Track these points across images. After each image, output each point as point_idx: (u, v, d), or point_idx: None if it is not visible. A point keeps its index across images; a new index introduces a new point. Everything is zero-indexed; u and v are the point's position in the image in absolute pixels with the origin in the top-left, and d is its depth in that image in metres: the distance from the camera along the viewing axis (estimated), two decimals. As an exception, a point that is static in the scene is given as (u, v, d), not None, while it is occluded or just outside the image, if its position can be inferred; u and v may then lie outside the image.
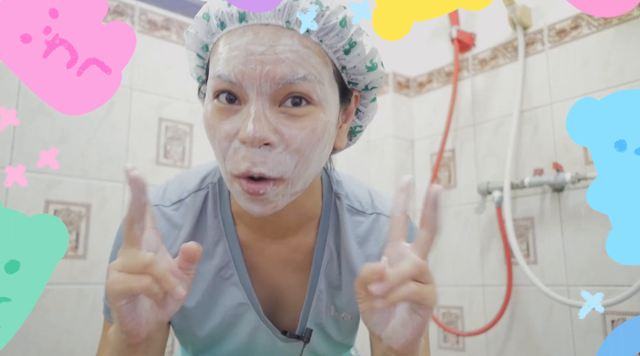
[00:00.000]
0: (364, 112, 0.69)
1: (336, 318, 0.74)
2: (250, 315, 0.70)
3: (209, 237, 0.70)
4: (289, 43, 0.56)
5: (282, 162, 0.56)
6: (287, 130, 0.56)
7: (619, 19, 1.44)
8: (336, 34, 0.58)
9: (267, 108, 0.56)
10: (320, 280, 0.71)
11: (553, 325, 1.49)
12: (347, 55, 0.60)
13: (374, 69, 0.63)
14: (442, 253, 1.81)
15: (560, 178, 1.45)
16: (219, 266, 0.70)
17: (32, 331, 1.23)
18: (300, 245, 0.71)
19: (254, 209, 0.59)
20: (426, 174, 1.91)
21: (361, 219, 0.72)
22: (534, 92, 1.62)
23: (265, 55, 0.55)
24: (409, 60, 2.01)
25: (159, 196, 0.72)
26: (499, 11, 1.70)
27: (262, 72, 0.55)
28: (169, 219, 0.70)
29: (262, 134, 0.54)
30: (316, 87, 0.57)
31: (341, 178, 0.75)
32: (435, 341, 1.80)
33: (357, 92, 0.66)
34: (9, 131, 1.24)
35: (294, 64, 0.55)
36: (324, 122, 0.58)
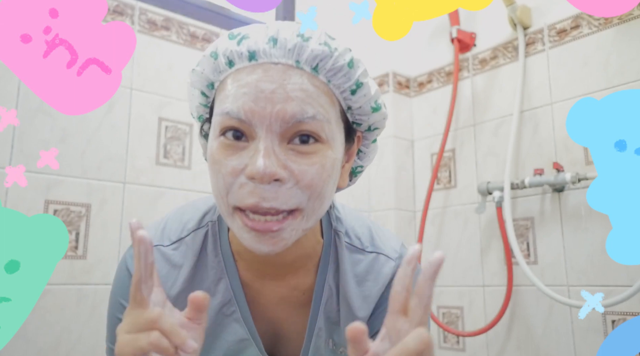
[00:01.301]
0: (365, 153, 0.70)
1: (334, 352, 0.74)
2: (251, 350, 0.71)
3: (210, 276, 0.70)
4: (299, 81, 0.57)
5: (294, 196, 0.56)
6: (296, 166, 0.56)
7: (619, 19, 1.44)
8: (344, 74, 0.59)
9: (276, 145, 0.56)
10: (319, 318, 0.71)
11: (553, 325, 1.49)
12: (353, 95, 0.61)
13: (378, 109, 0.64)
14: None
15: (560, 177, 1.45)
16: (221, 303, 0.70)
17: (32, 331, 1.23)
18: (300, 283, 0.71)
19: (262, 249, 0.58)
20: (426, 174, 1.91)
21: (360, 257, 0.72)
22: (534, 92, 1.62)
23: (275, 94, 0.55)
24: (409, 60, 2.01)
25: (157, 235, 0.71)
26: (499, 11, 1.70)
27: (273, 111, 0.55)
28: (168, 259, 0.69)
29: (272, 170, 0.54)
30: (324, 126, 0.57)
31: (341, 215, 0.75)
32: (435, 341, 1.80)
33: (359, 133, 0.67)
34: (9, 131, 1.24)
35: (303, 103, 0.56)
36: (332, 159, 0.59)
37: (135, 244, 0.48)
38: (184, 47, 1.57)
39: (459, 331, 1.71)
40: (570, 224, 1.47)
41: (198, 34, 1.60)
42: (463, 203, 1.77)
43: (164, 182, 1.47)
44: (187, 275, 0.68)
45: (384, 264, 0.71)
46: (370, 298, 0.70)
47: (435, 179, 1.81)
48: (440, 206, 1.84)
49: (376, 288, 0.70)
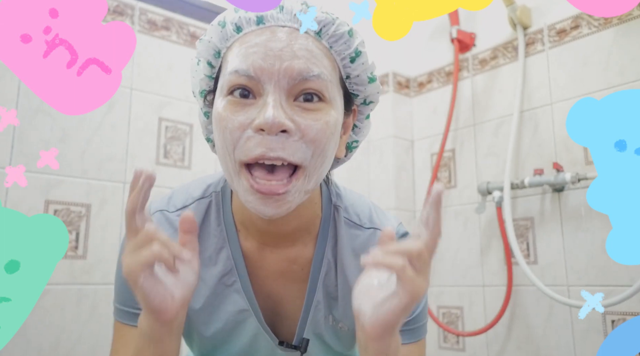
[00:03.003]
0: (360, 127, 0.72)
1: (334, 328, 0.75)
2: (251, 321, 0.72)
3: (212, 244, 0.71)
4: (305, 43, 0.60)
5: (300, 149, 0.58)
6: (302, 121, 0.58)
7: (619, 19, 1.44)
8: (344, 42, 0.62)
9: (284, 100, 0.58)
10: (318, 291, 0.72)
11: (553, 325, 1.49)
12: (352, 63, 0.64)
13: (374, 80, 0.67)
14: (442, 253, 1.81)
15: (560, 178, 1.45)
16: (221, 272, 0.71)
17: (32, 331, 1.22)
18: (299, 256, 0.73)
19: (266, 211, 0.59)
20: (426, 174, 1.91)
21: (358, 232, 0.74)
22: (534, 92, 1.62)
23: (283, 52, 0.58)
24: (409, 60, 2.01)
25: (164, 203, 0.74)
26: (499, 11, 1.70)
27: (281, 68, 0.58)
28: (172, 223, 0.71)
29: (280, 120, 0.56)
30: (328, 86, 0.60)
31: (341, 191, 0.77)
32: (435, 341, 1.80)
33: (355, 106, 0.69)
34: (9, 131, 1.24)
35: (309, 61, 0.59)
36: (334, 118, 0.61)
37: (136, 176, 0.51)
38: (184, 47, 1.57)
39: (459, 331, 1.71)
40: (570, 224, 1.47)
41: (198, 34, 1.60)
42: (463, 203, 1.77)
43: (164, 182, 1.47)
44: None
45: None
46: None
47: (435, 179, 1.81)
48: (440, 206, 1.84)
49: None
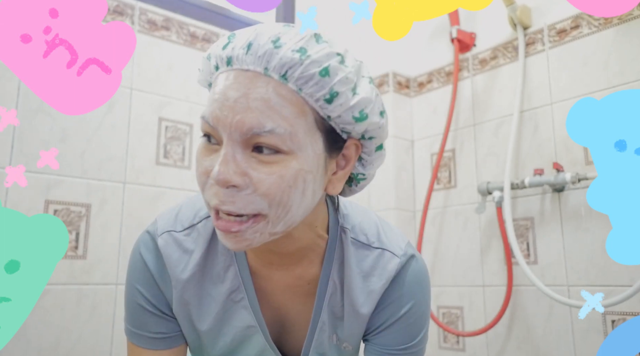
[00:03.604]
0: (368, 160, 0.68)
1: (338, 347, 0.76)
2: (257, 337, 0.73)
3: (220, 262, 0.72)
4: (262, 91, 0.57)
5: (253, 202, 0.57)
6: (255, 174, 0.57)
7: (619, 19, 1.44)
8: (315, 83, 0.58)
9: (238, 152, 0.57)
10: (323, 311, 0.73)
11: (553, 325, 1.49)
12: (329, 104, 0.59)
13: (363, 119, 0.61)
14: (442, 253, 1.81)
15: (560, 177, 1.45)
16: (230, 289, 0.72)
17: (32, 331, 1.22)
18: (304, 274, 0.73)
19: (227, 245, 0.61)
20: (426, 174, 1.91)
21: (366, 252, 0.73)
22: (534, 92, 1.62)
23: (237, 103, 0.56)
24: (409, 60, 2.01)
25: (171, 221, 0.73)
26: (499, 11, 1.70)
27: (233, 121, 0.56)
28: (180, 244, 0.72)
29: (225, 177, 0.56)
30: (285, 139, 0.57)
31: (348, 211, 0.76)
32: (435, 341, 1.80)
33: (355, 141, 0.65)
34: (9, 131, 1.24)
35: (262, 115, 0.56)
36: (295, 170, 0.58)
37: None
38: (184, 47, 1.57)
39: (459, 331, 1.71)
40: (570, 224, 1.47)
41: (198, 34, 1.60)
42: (463, 203, 1.77)
43: (164, 182, 1.47)
44: (198, 260, 0.71)
45: (389, 260, 0.73)
46: (374, 293, 0.72)
47: (435, 179, 1.81)
48: (440, 206, 1.84)
49: (380, 284, 0.72)
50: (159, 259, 0.71)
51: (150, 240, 0.72)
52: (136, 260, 0.73)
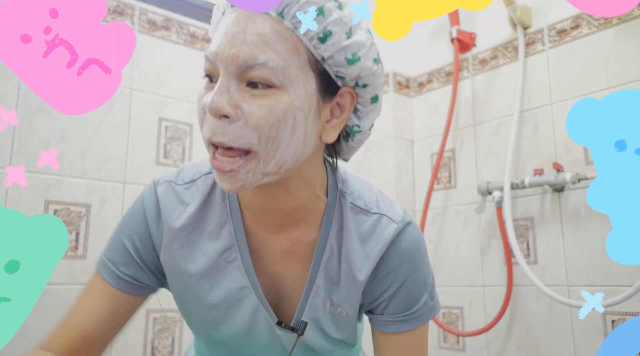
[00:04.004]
0: (363, 112, 0.69)
1: (332, 313, 0.75)
2: (251, 298, 0.73)
3: (215, 218, 0.73)
4: (259, 27, 0.59)
5: (243, 135, 0.59)
6: (247, 106, 0.59)
7: (619, 19, 1.44)
8: None
9: (232, 85, 0.59)
10: (319, 275, 0.73)
11: (553, 325, 1.49)
12: (322, 44, 0.61)
13: (355, 61, 0.63)
14: (442, 253, 1.81)
15: (560, 177, 1.45)
16: (223, 247, 0.72)
17: (32, 331, 1.22)
18: (302, 238, 0.73)
19: (223, 186, 0.62)
20: (426, 174, 1.91)
21: (364, 217, 0.74)
22: (534, 92, 1.62)
23: (235, 37, 0.59)
24: (409, 60, 2.01)
25: (173, 175, 0.75)
26: (499, 11, 1.70)
27: (230, 54, 0.59)
28: (177, 195, 0.73)
29: (217, 105, 0.58)
30: (277, 73, 0.59)
31: (348, 177, 0.77)
32: (435, 341, 1.80)
33: (350, 89, 0.66)
34: (9, 131, 1.24)
35: (256, 49, 0.58)
36: (286, 104, 0.60)
37: None
38: (184, 47, 1.57)
39: (459, 331, 1.71)
40: (570, 224, 1.47)
41: (198, 34, 1.60)
42: (463, 203, 1.77)
43: (164, 182, 1.47)
44: (193, 212, 0.72)
45: (387, 225, 0.73)
46: (371, 257, 0.72)
47: (435, 179, 1.81)
48: (440, 206, 1.84)
49: (377, 248, 0.72)
50: (156, 206, 0.73)
51: (152, 188, 0.74)
52: (137, 204, 0.75)
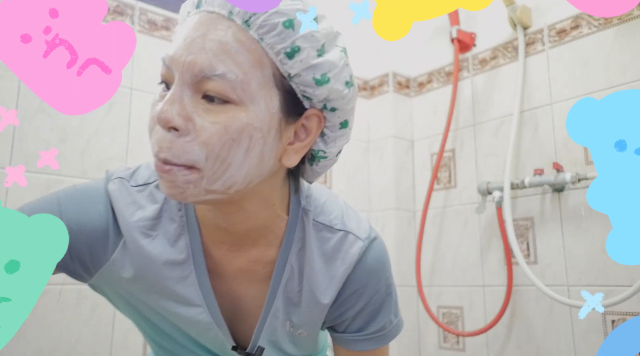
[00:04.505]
0: (331, 137, 0.63)
1: (292, 334, 0.72)
2: (203, 317, 0.69)
3: (170, 229, 0.67)
4: (221, 34, 0.54)
5: (189, 151, 0.54)
6: (200, 121, 0.54)
7: (619, 19, 1.44)
8: (277, 33, 0.55)
9: (186, 94, 0.54)
10: (278, 297, 0.70)
11: (553, 325, 1.49)
12: (289, 59, 0.56)
13: (323, 83, 0.58)
14: (442, 253, 1.81)
15: (560, 177, 1.45)
16: (177, 261, 0.67)
17: (32, 331, 1.22)
18: (260, 257, 0.69)
19: (164, 189, 0.57)
20: (426, 174, 1.91)
21: (328, 235, 0.70)
22: (534, 92, 1.62)
23: (194, 43, 0.54)
24: (409, 60, 2.01)
25: (127, 174, 0.69)
26: (499, 11, 1.70)
27: (186, 61, 0.54)
28: (131, 195, 0.67)
29: (166, 116, 0.53)
30: (236, 86, 0.54)
31: (312, 192, 0.72)
32: (435, 341, 1.80)
33: (318, 112, 0.60)
34: (9, 131, 1.24)
35: (215, 58, 0.54)
36: (242, 122, 0.55)
37: None
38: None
39: (459, 331, 1.71)
40: (570, 224, 1.47)
41: (198, 34, 1.60)
42: (463, 203, 1.77)
43: (164, 182, 1.47)
44: (148, 221, 0.66)
45: (353, 244, 0.69)
46: (336, 278, 0.69)
47: (435, 179, 1.81)
48: (440, 206, 1.84)
49: (343, 268, 0.69)
50: (108, 203, 0.66)
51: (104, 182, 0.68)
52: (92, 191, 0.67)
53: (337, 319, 0.73)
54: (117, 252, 0.66)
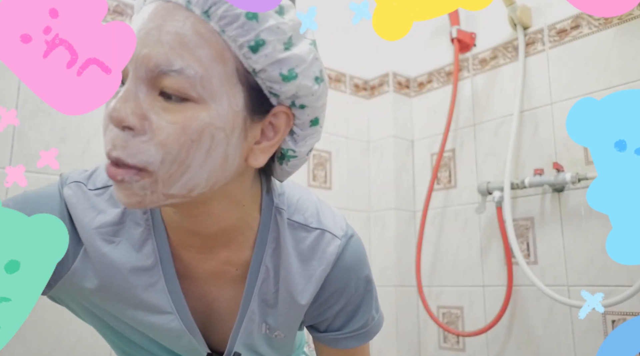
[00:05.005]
0: (300, 135, 0.60)
1: (268, 336, 0.70)
2: (174, 324, 0.65)
3: (135, 234, 0.63)
4: (179, 25, 0.50)
5: (144, 151, 0.50)
6: (156, 119, 0.50)
7: (619, 19, 1.44)
8: (240, 25, 0.51)
9: (142, 91, 0.50)
10: (253, 299, 0.67)
11: (553, 325, 1.49)
12: (254, 54, 0.52)
13: (290, 79, 0.54)
14: (442, 253, 1.81)
15: (560, 177, 1.45)
16: (143, 267, 0.63)
17: (32, 331, 1.22)
18: (233, 259, 0.66)
19: (119, 197, 0.53)
20: (426, 174, 1.91)
21: (304, 234, 0.67)
22: (534, 92, 1.62)
23: (149, 35, 0.50)
24: (409, 60, 2.01)
25: (83, 177, 0.64)
26: (499, 11, 1.70)
27: (140, 54, 0.50)
28: (88, 199, 0.62)
29: (120, 114, 0.49)
30: (195, 83, 0.50)
31: (285, 190, 0.69)
32: (435, 341, 1.80)
33: (286, 109, 0.57)
34: (9, 131, 1.24)
35: (172, 52, 0.49)
36: (203, 122, 0.51)
37: None
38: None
39: (459, 331, 1.71)
40: (570, 224, 1.47)
41: (198, 34, 1.60)
42: (463, 203, 1.77)
43: (164, 182, 1.47)
44: (109, 225, 0.62)
45: (330, 242, 0.67)
46: (314, 278, 0.66)
47: (435, 179, 1.81)
48: (440, 206, 1.84)
49: (320, 268, 0.66)
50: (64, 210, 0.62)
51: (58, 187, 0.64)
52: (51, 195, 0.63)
53: (318, 318, 0.71)
54: (78, 261, 0.62)
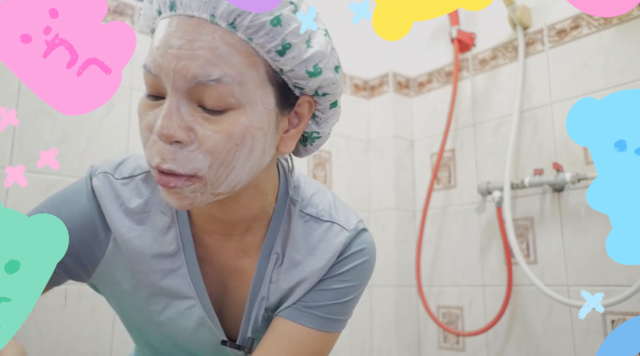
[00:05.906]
0: (322, 118, 0.64)
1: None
2: (195, 310, 0.68)
3: (159, 221, 0.66)
4: (209, 39, 0.52)
5: (193, 160, 0.54)
6: (201, 130, 0.53)
7: (619, 19, 1.44)
8: (266, 33, 0.53)
9: (183, 104, 0.53)
10: (263, 286, 0.69)
11: (553, 325, 1.49)
12: (281, 57, 0.55)
13: (316, 74, 0.58)
14: (442, 253, 1.81)
15: (560, 178, 1.45)
16: (167, 254, 0.66)
17: (32, 331, 1.22)
18: (247, 245, 0.69)
19: (170, 202, 0.57)
20: (426, 174, 1.91)
21: (315, 225, 0.70)
22: (534, 92, 1.62)
23: (181, 50, 0.52)
24: (409, 60, 2.01)
25: (111, 167, 0.68)
26: (499, 11, 1.70)
27: (177, 68, 0.52)
28: (115, 189, 0.66)
29: (169, 131, 0.52)
30: (234, 90, 0.53)
31: (301, 183, 0.72)
32: (435, 341, 1.80)
33: (309, 98, 0.61)
34: (9, 131, 1.24)
35: (208, 63, 0.52)
36: (244, 126, 0.54)
37: None
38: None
39: (459, 331, 1.71)
40: (570, 224, 1.47)
41: (198, 34, 1.60)
42: (463, 203, 1.77)
43: (164, 182, 1.47)
44: (134, 214, 0.65)
45: (338, 234, 0.69)
46: (318, 267, 0.68)
47: (435, 179, 1.81)
48: (440, 206, 1.84)
49: (326, 257, 0.68)
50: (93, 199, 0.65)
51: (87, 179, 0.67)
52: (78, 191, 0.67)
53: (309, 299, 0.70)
54: (110, 247, 0.66)
